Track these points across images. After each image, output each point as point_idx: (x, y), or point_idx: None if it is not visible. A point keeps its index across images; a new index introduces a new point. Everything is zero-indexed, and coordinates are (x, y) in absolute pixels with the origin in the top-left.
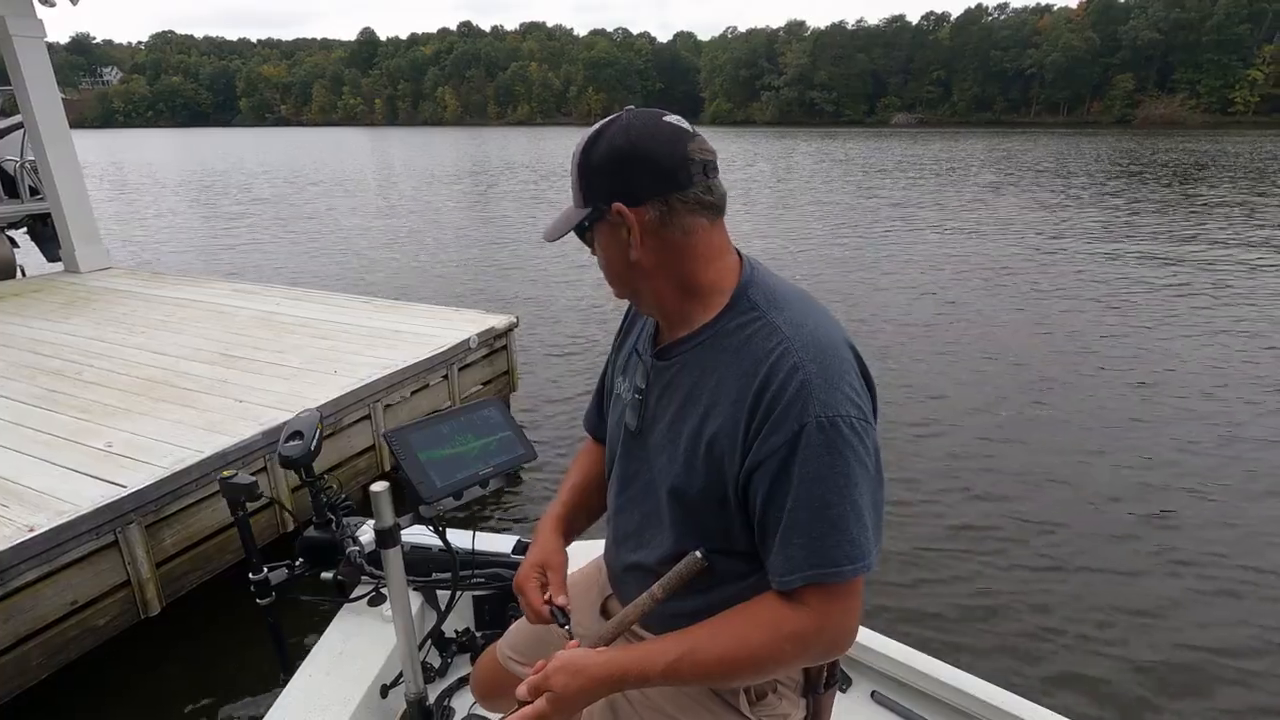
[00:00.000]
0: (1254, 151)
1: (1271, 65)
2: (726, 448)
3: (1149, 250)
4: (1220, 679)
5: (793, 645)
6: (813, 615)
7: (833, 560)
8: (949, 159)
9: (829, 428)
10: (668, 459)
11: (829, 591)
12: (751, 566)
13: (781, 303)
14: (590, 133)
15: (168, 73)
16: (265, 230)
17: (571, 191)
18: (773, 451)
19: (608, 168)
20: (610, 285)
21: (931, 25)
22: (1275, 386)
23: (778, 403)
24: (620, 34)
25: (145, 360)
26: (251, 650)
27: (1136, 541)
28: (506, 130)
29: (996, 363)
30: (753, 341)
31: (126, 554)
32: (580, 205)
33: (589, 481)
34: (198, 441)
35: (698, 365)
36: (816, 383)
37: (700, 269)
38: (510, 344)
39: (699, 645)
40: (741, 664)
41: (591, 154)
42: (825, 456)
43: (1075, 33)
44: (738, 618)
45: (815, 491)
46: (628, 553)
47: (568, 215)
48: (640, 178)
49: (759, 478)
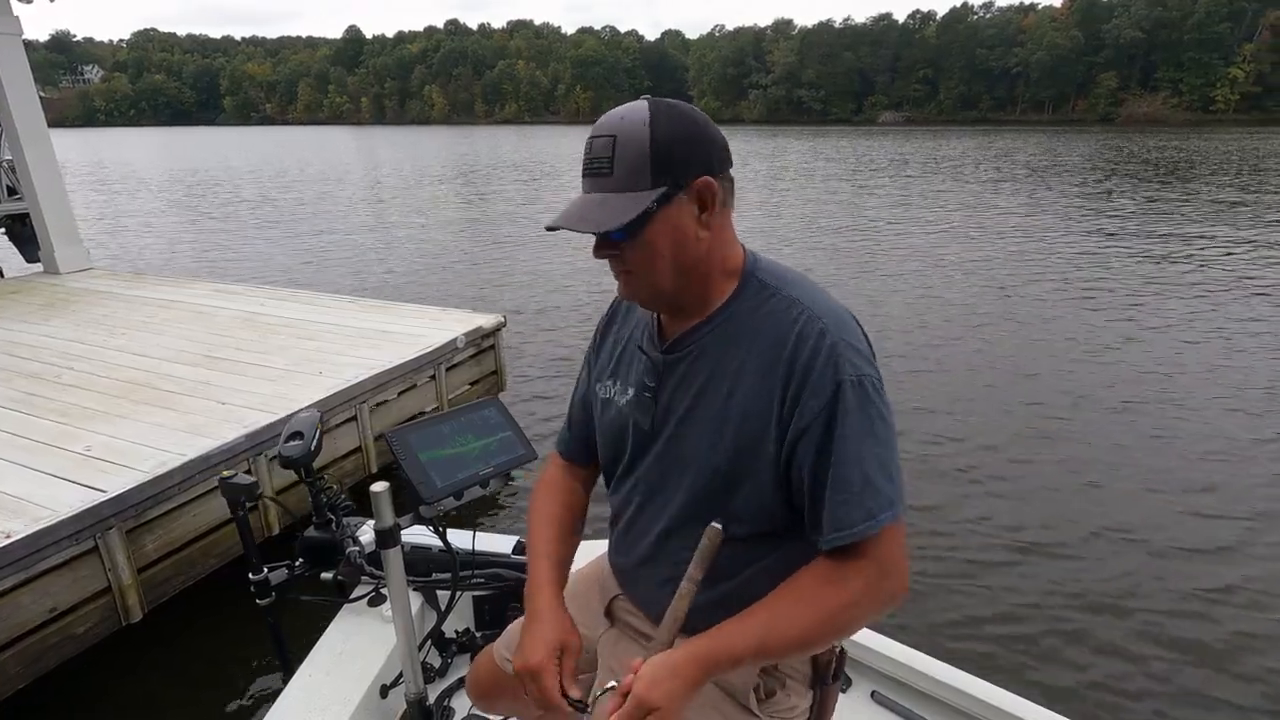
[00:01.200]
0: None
1: (1251, 64)
2: (761, 423)
3: (1157, 248)
4: (1220, 679)
5: (868, 598)
6: (875, 564)
7: (878, 508)
8: (947, 156)
9: (858, 386)
10: (693, 448)
11: (880, 538)
12: (778, 543)
13: (792, 279)
14: (634, 114)
15: (150, 71)
16: (249, 230)
17: (612, 177)
18: (814, 415)
19: (687, 141)
20: (646, 281)
21: (918, 24)
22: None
23: (812, 367)
24: (608, 32)
25: (126, 362)
26: (238, 656)
27: (1137, 541)
28: (494, 129)
29: (995, 360)
30: (773, 316)
31: (107, 560)
32: (643, 188)
33: (569, 524)
34: (180, 445)
35: (715, 350)
36: (843, 346)
37: (732, 250)
38: (498, 344)
39: (777, 617)
40: (824, 627)
41: (660, 131)
42: (860, 413)
43: (1059, 31)
44: (806, 584)
45: (857, 447)
46: (646, 550)
47: (621, 201)
48: (714, 152)
49: (804, 443)
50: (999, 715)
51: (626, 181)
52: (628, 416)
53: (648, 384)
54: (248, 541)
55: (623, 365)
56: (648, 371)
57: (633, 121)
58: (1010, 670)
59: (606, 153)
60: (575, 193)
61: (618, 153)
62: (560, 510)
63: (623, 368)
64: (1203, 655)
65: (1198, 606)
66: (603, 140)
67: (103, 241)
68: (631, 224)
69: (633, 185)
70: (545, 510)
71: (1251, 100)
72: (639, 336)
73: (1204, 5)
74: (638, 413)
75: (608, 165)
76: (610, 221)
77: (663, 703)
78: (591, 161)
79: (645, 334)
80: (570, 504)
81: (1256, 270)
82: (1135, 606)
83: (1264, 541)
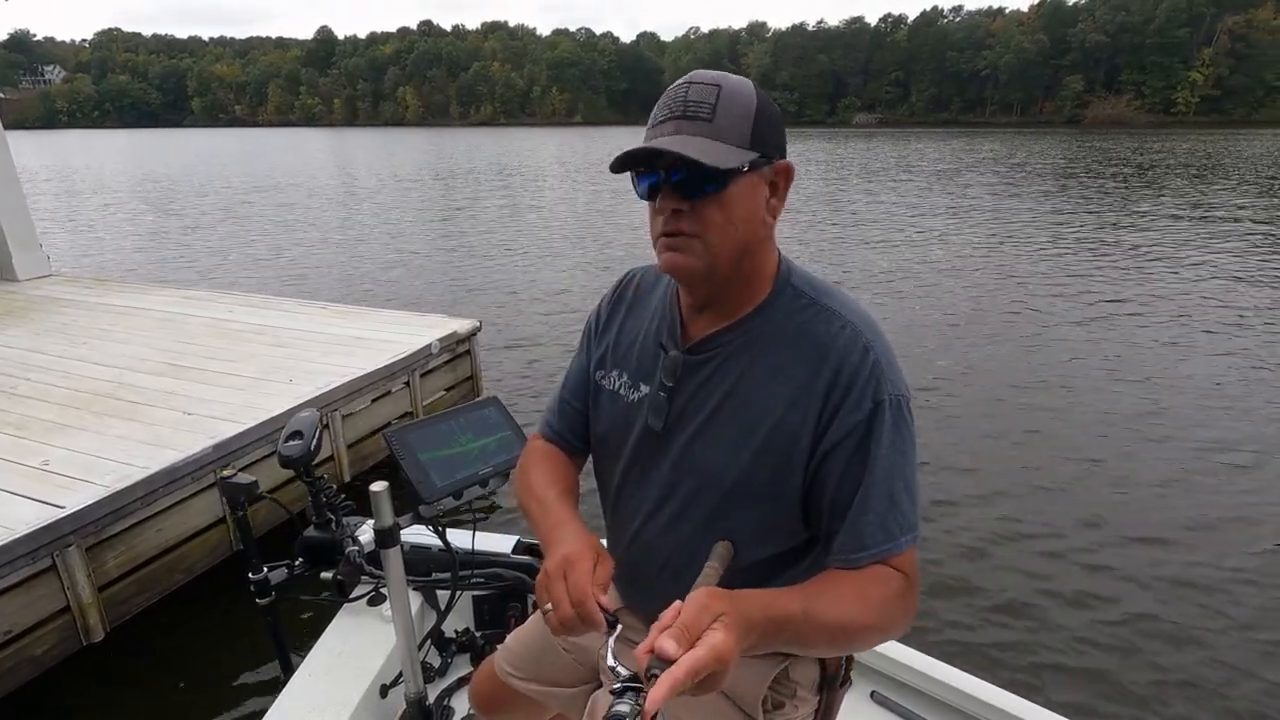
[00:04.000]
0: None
1: (1210, 67)
2: (793, 435)
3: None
4: (1223, 679)
5: (903, 600)
6: (903, 578)
7: (901, 530)
8: (941, 159)
9: (895, 406)
10: (712, 456)
11: (905, 557)
12: (795, 563)
13: (828, 290)
14: (734, 76)
15: (114, 71)
16: (218, 235)
17: (713, 124)
18: (850, 430)
19: (779, 122)
20: (704, 249)
21: (890, 27)
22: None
23: (855, 382)
24: (583, 34)
25: (87, 372)
26: (210, 671)
27: (1137, 541)
28: (470, 131)
29: (994, 357)
30: (811, 327)
31: (66, 578)
32: (743, 145)
33: (571, 488)
34: (143, 457)
35: (744, 355)
36: (884, 363)
37: (772, 251)
38: (474, 348)
39: (819, 597)
40: (866, 616)
41: (764, 100)
42: (895, 433)
43: (1026, 35)
44: (842, 578)
45: (892, 466)
46: (654, 563)
47: (718, 148)
48: (783, 139)
49: (836, 456)
50: (999, 715)
51: (728, 133)
52: (636, 414)
53: (665, 383)
54: (248, 541)
55: (633, 357)
56: (666, 369)
57: (737, 81)
58: (1010, 670)
59: (710, 99)
60: (555, 194)
61: (722, 103)
62: (560, 482)
63: (633, 360)
64: (1204, 655)
65: (1199, 606)
66: (704, 87)
67: (64, 247)
68: (730, 172)
69: (734, 139)
70: (544, 480)
71: (1210, 103)
72: (656, 329)
73: (1165, 10)
74: (649, 412)
75: (709, 111)
76: (717, 158)
77: (730, 608)
78: (689, 105)
79: (665, 328)
80: (569, 475)
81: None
82: (1136, 606)
83: (1272, 545)
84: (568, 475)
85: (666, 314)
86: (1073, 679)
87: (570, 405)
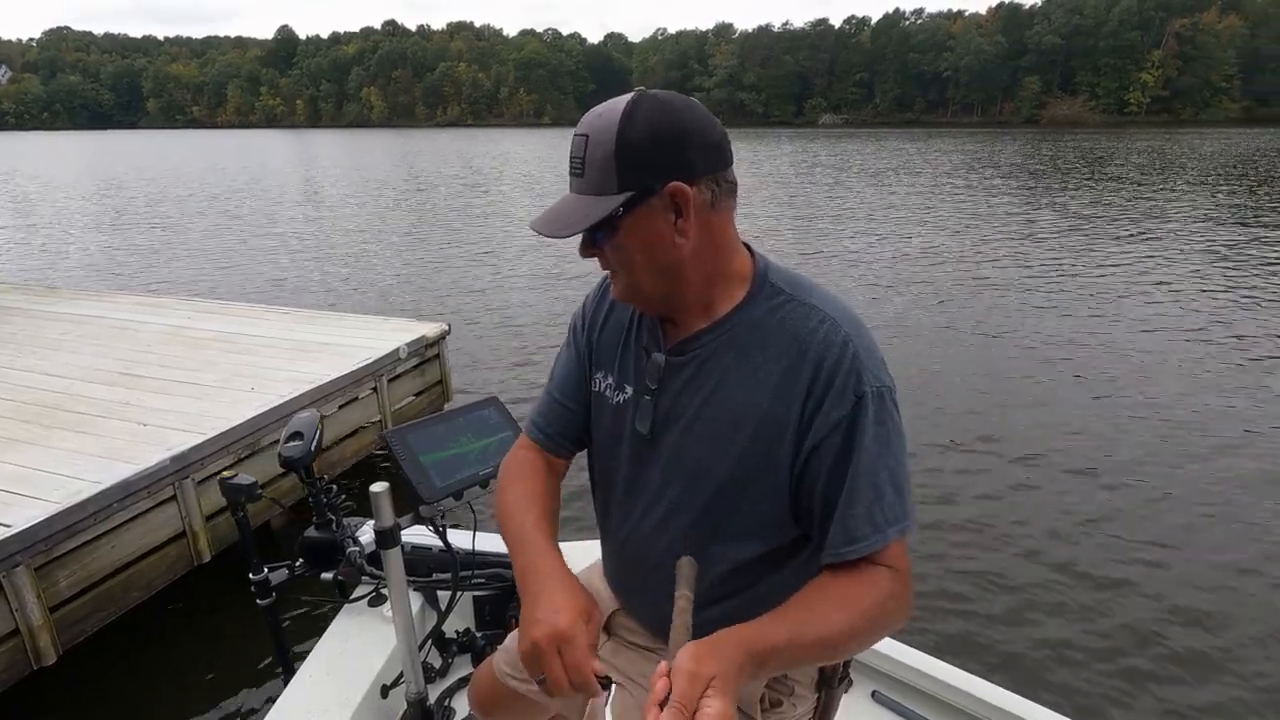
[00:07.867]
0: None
1: (1160, 69)
2: (778, 430)
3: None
4: (1224, 680)
5: (894, 601)
6: (892, 573)
7: (890, 521)
8: (933, 159)
9: (878, 398)
10: (698, 456)
11: (889, 551)
12: (787, 559)
13: (806, 286)
14: (610, 112)
15: (64, 71)
16: (175, 240)
17: (584, 179)
18: (835, 425)
19: (659, 143)
20: (628, 283)
21: (854, 29)
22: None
23: (835, 376)
24: (550, 34)
25: (35, 383)
26: (170, 688)
27: (1137, 541)
28: (437, 132)
29: (993, 353)
30: (790, 323)
31: (13, 600)
32: (610, 191)
33: (551, 510)
34: (95, 472)
35: (725, 355)
36: (864, 355)
37: (729, 255)
38: (443, 352)
39: (808, 613)
40: (857, 624)
41: (630, 131)
42: (879, 425)
43: (985, 37)
44: (831, 585)
45: (877, 458)
46: (647, 564)
47: (588, 204)
48: (695, 153)
49: (822, 451)
50: (999, 715)
51: (595, 184)
52: (623, 417)
53: (648, 385)
54: (248, 541)
55: (616, 359)
56: (649, 373)
57: (607, 120)
58: (1010, 670)
59: (580, 153)
60: (525, 196)
61: (589, 153)
62: (541, 501)
63: (615, 362)
64: (1204, 655)
65: (1200, 607)
66: (579, 139)
67: (11, 254)
68: (596, 227)
69: (600, 188)
70: (524, 490)
71: (1161, 103)
72: (638, 332)
73: (1117, 14)
74: (635, 416)
75: (580, 165)
76: (574, 225)
77: (718, 669)
78: (573, 161)
79: (646, 331)
80: (551, 490)
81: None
82: (1136, 606)
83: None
84: (546, 492)
85: (647, 316)
86: (1074, 678)
87: (561, 403)
